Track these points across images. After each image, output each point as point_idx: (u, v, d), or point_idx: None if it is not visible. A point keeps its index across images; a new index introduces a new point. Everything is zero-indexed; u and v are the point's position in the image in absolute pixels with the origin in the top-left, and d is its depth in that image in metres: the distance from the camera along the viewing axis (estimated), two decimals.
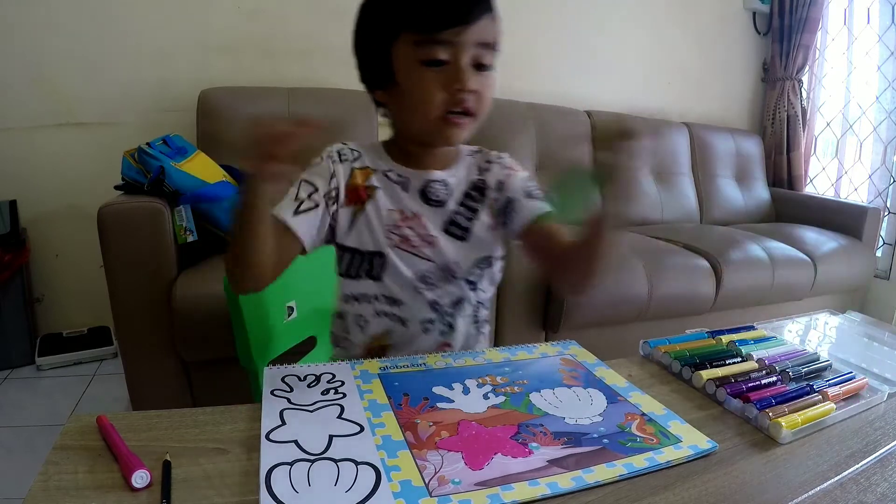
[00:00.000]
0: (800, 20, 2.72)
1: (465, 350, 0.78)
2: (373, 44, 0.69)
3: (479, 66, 0.66)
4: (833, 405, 0.60)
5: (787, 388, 0.64)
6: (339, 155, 0.75)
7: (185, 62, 1.95)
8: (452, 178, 0.77)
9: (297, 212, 0.69)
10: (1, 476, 1.27)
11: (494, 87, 0.69)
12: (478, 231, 0.76)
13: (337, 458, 0.48)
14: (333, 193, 0.73)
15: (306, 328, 0.95)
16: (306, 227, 0.69)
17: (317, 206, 0.71)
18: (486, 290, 0.81)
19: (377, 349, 0.77)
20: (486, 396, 0.60)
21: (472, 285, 0.78)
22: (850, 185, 2.86)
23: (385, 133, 0.79)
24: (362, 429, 0.52)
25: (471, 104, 0.66)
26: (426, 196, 0.75)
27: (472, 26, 0.63)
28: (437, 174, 0.76)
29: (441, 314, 0.77)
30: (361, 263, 0.75)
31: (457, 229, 0.76)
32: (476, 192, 0.78)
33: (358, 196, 0.74)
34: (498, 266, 0.81)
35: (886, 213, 2.63)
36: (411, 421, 0.54)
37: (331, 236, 0.75)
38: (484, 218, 0.77)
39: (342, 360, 0.78)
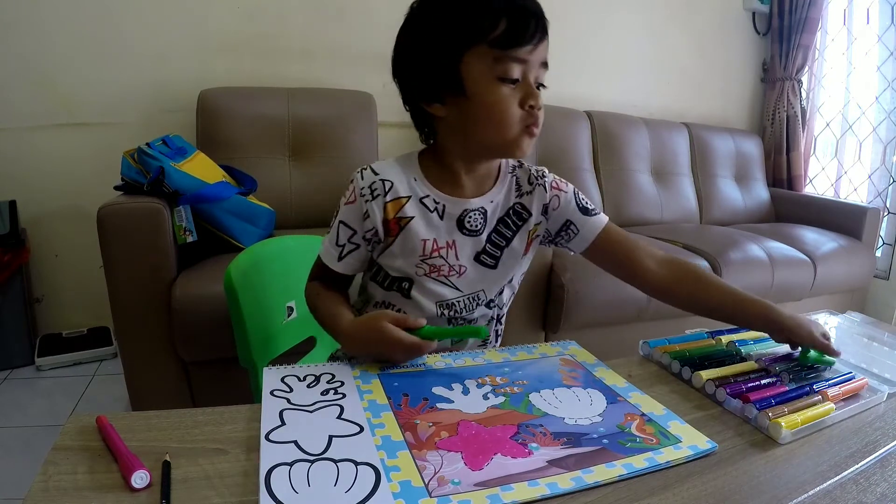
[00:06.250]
0: (799, 20, 2.72)
1: None
2: (439, 57, 0.67)
3: (538, 85, 0.69)
4: (833, 405, 0.60)
5: (787, 388, 0.64)
6: (372, 191, 0.72)
7: (185, 62, 1.95)
8: (490, 203, 0.75)
9: (340, 258, 0.75)
10: (1, 476, 1.27)
11: None
12: (506, 258, 0.77)
13: (336, 458, 0.48)
14: (370, 235, 0.74)
15: (306, 328, 0.95)
16: (351, 267, 0.76)
17: (357, 247, 0.75)
18: (503, 307, 0.83)
19: None
20: (485, 397, 0.60)
21: (492, 303, 0.80)
22: (849, 186, 2.86)
23: (387, 137, 0.80)
24: (362, 429, 0.52)
25: (541, 120, 0.68)
26: (462, 225, 0.74)
27: (540, 46, 0.66)
28: (475, 202, 0.74)
29: (453, 324, 0.79)
30: (392, 281, 0.77)
31: (488, 258, 0.76)
32: (514, 217, 0.77)
33: (391, 228, 0.73)
34: (518, 280, 0.83)
35: (886, 214, 2.63)
36: (411, 421, 0.54)
37: None
38: (516, 244, 0.77)
39: (344, 356, 0.79)
